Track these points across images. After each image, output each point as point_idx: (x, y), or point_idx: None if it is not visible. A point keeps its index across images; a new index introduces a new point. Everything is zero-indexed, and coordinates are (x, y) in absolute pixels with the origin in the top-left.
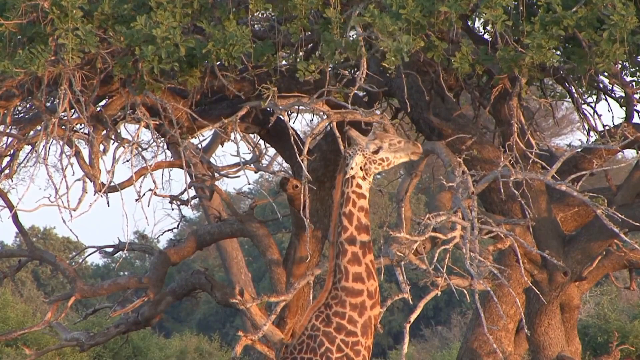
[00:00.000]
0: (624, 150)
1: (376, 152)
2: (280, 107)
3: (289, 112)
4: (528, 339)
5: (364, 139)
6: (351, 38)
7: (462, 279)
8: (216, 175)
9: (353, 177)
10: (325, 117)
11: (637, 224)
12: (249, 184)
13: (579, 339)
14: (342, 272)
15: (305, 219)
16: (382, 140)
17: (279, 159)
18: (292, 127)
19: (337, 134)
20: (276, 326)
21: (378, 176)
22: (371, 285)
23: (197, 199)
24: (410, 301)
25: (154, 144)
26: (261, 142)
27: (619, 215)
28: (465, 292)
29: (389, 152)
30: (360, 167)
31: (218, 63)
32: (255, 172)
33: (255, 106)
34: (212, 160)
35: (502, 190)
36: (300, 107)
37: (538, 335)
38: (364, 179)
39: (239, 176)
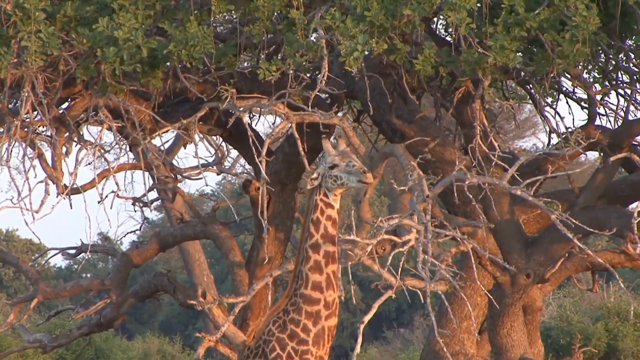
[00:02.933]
0: (586, 153)
1: (332, 167)
2: (240, 108)
3: (251, 114)
4: (490, 341)
5: (331, 153)
6: (313, 40)
7: (419, 281)
8: (178, 177)
9: (320, 186)
10: (285, 118)
11: (591, 229)
12: (207, 186)
13: (542, 341)
14: (303, 279)
15: (264, 221)
16: (342, 159)
17: (242, 161)
18: (252, 129)
19: (297, 136)
20: (238, 328)
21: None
22: (329, 295)
23: (160, 201)
24: (354, 301)
25: (117, 146)
26: (224, 144)
27: (572, 221)
28: (420, 294)
29: (343, 172)
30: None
31: (180, 65)
32: (218, 174)
33: (216, 107)
34: (174, 162)
35: (455, 194)
36: (260, 109)
37: (501, 337)
38: (329, 190)
39: (201, 178)
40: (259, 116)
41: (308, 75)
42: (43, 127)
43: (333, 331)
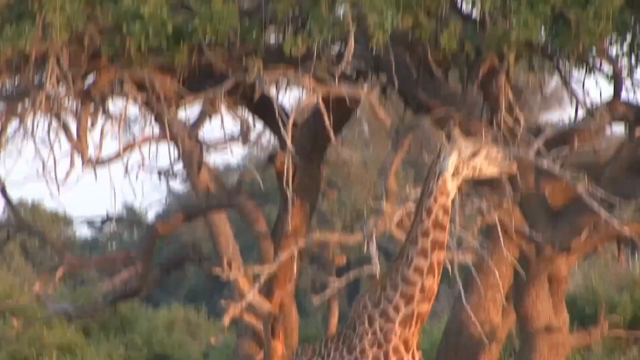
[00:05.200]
0: (612, 126)
1: (473, 156)
2: (266, 80)
3: (277, 88)
4: (516, 310)
5: (464, 140)
6: (339, 15)
7: (449, 251)
8: (204, 149)
9: (441, 173)
10: (311, 92)
11: (617, 200)
12: (233, 158)
13: (567, 310)
14: (408, 260)
15: (289, 192)
16: (481, 147)
17: (268, 133)
18: (278, 101)
19: (323, 110)
20: (264, 297)
21: (365, 150)
22: (427, 282)
23: (185, 172)
24: (376, 273)
25: (142, 118)
26: (249, 117)
27: (598, 192)
28: (448, 263)
29: (484, 161)
30: (454, 167)
31: (205, 40)
32: (244, 146)
33: (242, 81)
34: (200, 134)
35: None
36: (286, 81)
37: (526, 306)
38: (452, 178)
39: (227, 150)
40: (285, 90)
41: (334, 49)
42: (68, 100)
43: (424, 316)
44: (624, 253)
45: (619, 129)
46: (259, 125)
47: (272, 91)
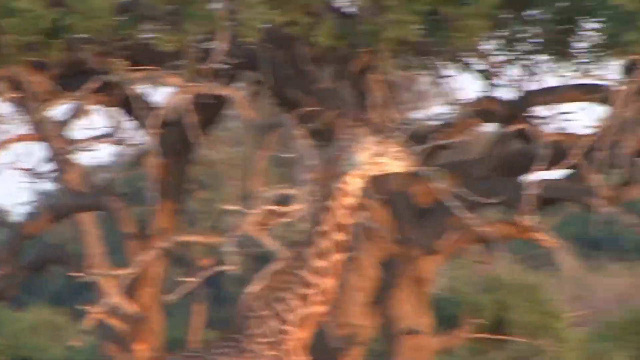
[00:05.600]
0: (482, 124)
1: (380, 155)
2: (131, 78)
3: (149, 86)
4: (380, 312)
5: (370, 139)
6: (211, 10)
7: None
8: (74, 148)
9: (346, 173)
10: (179, 90)
11: (484, 200)
12: (102, 157)
13: (432, 312)
14: (304, 261)
15: (154, 193)
16: (385, 146)
17: (139, 132)
18: (146, 101)
19: (190, 108)
20: (128, 299)
21: (235, 148)
22: (327, 283)
23: (55, 172)
24: (234, 272)
25: (14, 117)
26: (120, 115)
27: (462, 193)
28: None
29: (388, 159)
30: (359, 166)
31: (80, 36)
32: (113, 145)
33: (110, 79)
34: (70, 133)
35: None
36: (154, 80)
37: (390, 308)
38: (356, 177)
39: (97, 149)
40: (156, 88)
41: (206, 46)
42: None
43: (320, 318)
44: (489, 254)
45: (488, 126)
46: (130, 123)
47: (144, 89)
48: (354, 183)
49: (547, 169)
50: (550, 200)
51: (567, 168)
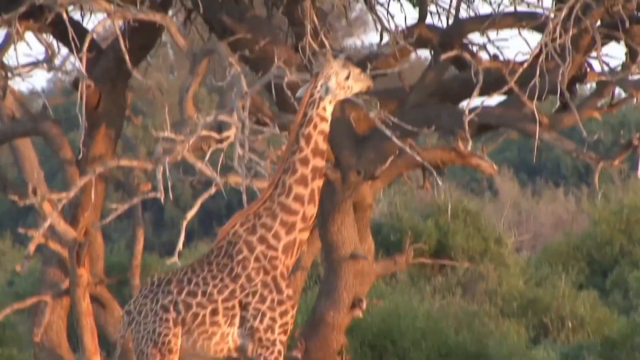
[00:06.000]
0: (417, 51)
1: (347, 78)
2: (59, 2)
3: (82, 13)
4: (321, 237)
5: (337, 63)
6: None
7: (241, 178)
8: (9, 74)
9: (321, 99)
10: (107, 15)
11: (421, 127)
12: (38, 84)
13: (372, 237)
14: (285, 189)
15: (81, 118)
16: (348, 68)
17: (73, 58)
18: (76, 26)
19: (120, 34)
20: (69, 224)
21: (171, 75)
22: (308, 210)
23: None
24: (162, 201)
25: None
26: (54, 42)
27: (392, 119)
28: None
29: (353, 80)
30: (332, 90)
31: None
32: (48, 72)
33: (41, 3)
34: (4, 59)
35: (274, 92)
36: (82, 5)
37: (331, 234)
38: (330, 102)
39: (32, 76)
40: (90, 15)
41: None
42: None
43: (303, 245)
44: (428, 179)
45: (423, 53)
46: (65, 50)
47: (66, 14)
48: (328, 108)
49: (483, 95)
50: (486, 126)
51: (503, 94)
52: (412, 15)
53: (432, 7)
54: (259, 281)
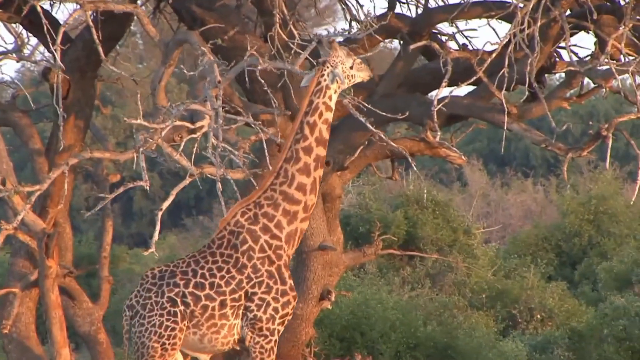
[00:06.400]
0: (386, 41)
1: (351, 67)
2: None
3: (51, 2)
4: None
5: (343, 51)
6: None
7: (216, 168)
8: None
9: (328, 87)
10: (79, 6)
11: (390, 116)
12: (5, 74)
13: (341, 228)
14: (288, 178)
15: (59, 109)
16: (352, 57)
17: (42, 48)
18: (48, 17)
19: (91, 24)
20: (38, 215)
21: (140, 65)
22: (310, 199)
23: None
24: (147, 189)
25: None
26: (23, 31)
27: (367, 106)
28: (218, 181)
29: (356, 69)
30: (338, 79)
31: None
32: (17, 62)
33: None
34: None
35: (247, 80)
36: None
37: None
38: (335, 92)
39: (0, 65)
40: (59, 4)
41: None
42: None
43: (302, 235)
44: (397, 170)
45: (393, 43)
46: (34, 40)
47: (46, 6)
48: (333, 97)
49: (452, 85)
50: (455, 116)
51: (472, 85)
52: (381, 4)
53: None
54: (265, 271)
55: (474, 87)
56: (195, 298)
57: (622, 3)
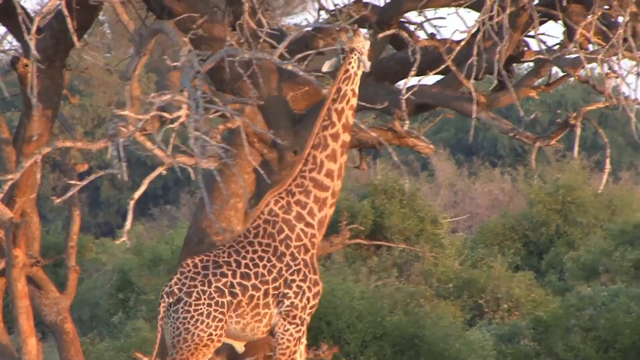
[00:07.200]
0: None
1: (364, 54)
2: None
3: None
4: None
5: (365, 40)
6: None
7: (190, 158)
8: None
9: (356, 74)
10: None
11: (359, 105)
12: None
13: None
14: (317, 165)
15: (33, 98)
16: (365, 44)
17: (10, 37)
18: (21, 6)
19: (66, 13)
20: (5, 205)
21: (107, 55)
22: (337, 185)
23: None
24: (125, 178)
25: None
26: None
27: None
28: (191, 170)
29: (366, 57)
30: (360, 65)
31: None
32: None
33: None
34: None
35: (228, 70)
36: None
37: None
38: (358, 77)
39: None
40: None
41: None
42: None
43: (329, 221)
44: (365, 160)
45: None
46: (1, 29)
47: None
48: (358, 83)
49: (420, 74)
50: (423, 106)
51: (440, 74)
52: None
53: None
54: (301, 260)
55: (443, 76)
56: (243, 288)
57: None
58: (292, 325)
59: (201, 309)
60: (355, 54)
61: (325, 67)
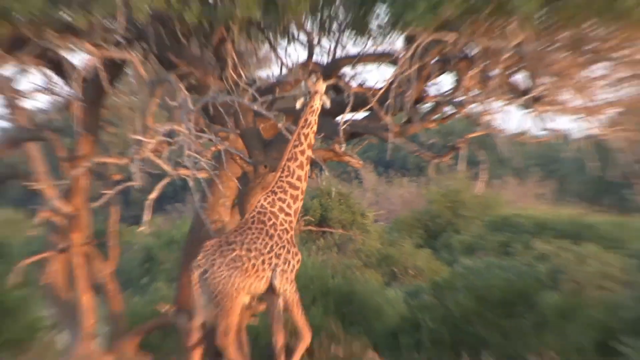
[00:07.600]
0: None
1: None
2: (60, 47)
3: (70, 51)
4: (240, 212)
5: (323, 83)
6: None
7: (188, 170)
8: (21, 97)
9: (318, 109)
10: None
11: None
12: (44, 104)
13: None
14: (290, 172)
15: (79, 129)
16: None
17: (65, 85)
18: (71, 63)
19: (100, 68)
20: (64, 202)
21: (134, 97)
22: (304, 186)
23: (8, 114)
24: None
25: None
26: (52, 73)
27: (293, 127)
28: (188, 179)
29: (324, 96)
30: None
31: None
32: (49, 96)
33: (43, 47)
34: (18, 86)
35: (212, 109)
36: (75, 48)
37: (246, 209)
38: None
39: (37, 98)
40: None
41: (109, 24)
42: None
43: (299, 211)
44: (314, 172)
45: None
46: (59, 79)
47: (67, 54)
48: (318, 115)
49: (353, 111)
50: (355, 134)
51: (366, 111)
52: (303, 54)
53: (317, 49)
54: (285, 239)
55: (369, 113)
56: (247, 259)
57: (472, 54)
58: (288, 283)
59: (223, 273)
60: (317, 95)
61: (298, 104)
